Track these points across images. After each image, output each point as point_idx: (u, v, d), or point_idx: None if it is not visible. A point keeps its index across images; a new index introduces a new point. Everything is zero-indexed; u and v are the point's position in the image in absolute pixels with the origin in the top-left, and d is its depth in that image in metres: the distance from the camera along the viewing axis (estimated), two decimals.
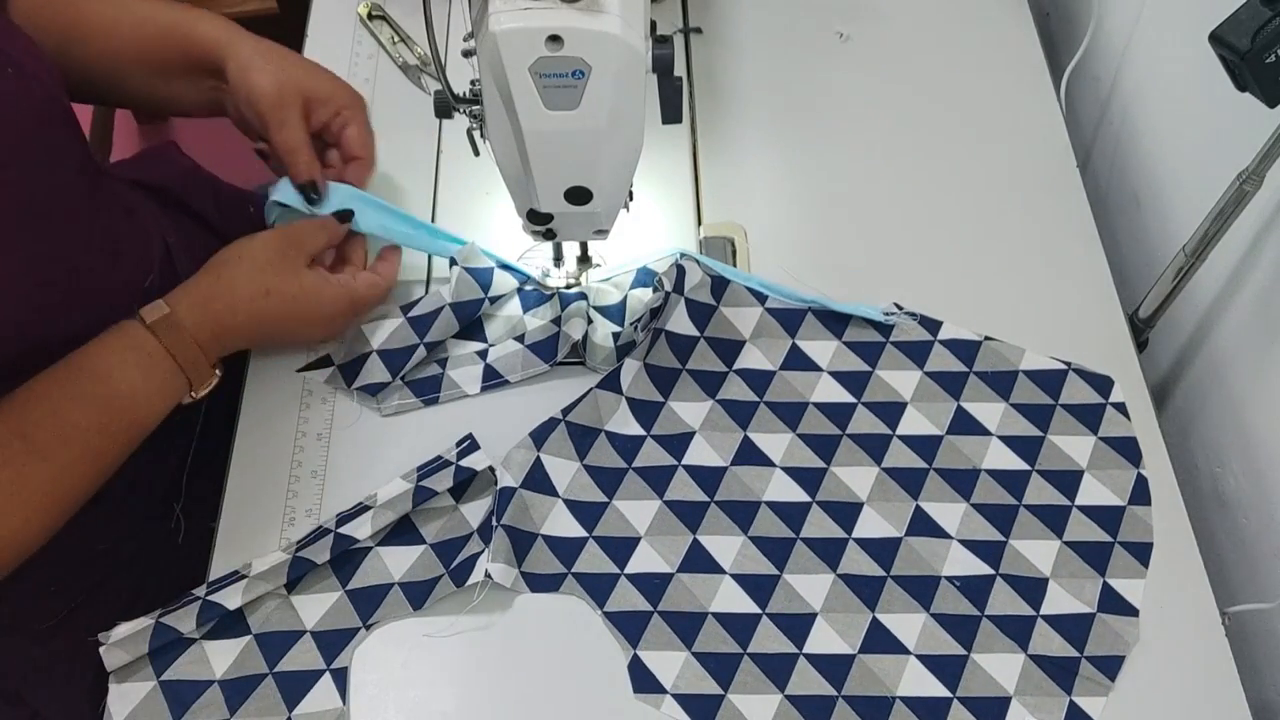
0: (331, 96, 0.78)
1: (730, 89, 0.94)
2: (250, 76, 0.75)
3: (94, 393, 0.63)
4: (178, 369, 0.66)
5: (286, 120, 0.76)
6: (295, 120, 0.76)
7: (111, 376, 0.64)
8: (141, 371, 0.65)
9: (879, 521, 0.71)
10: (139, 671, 0.65)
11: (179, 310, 0.67)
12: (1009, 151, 0.89)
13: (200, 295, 0.69)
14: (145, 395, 0.65)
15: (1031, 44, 0.97)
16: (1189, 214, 0.83)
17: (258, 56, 0.76)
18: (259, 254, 0.71)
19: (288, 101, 0.76)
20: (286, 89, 0.76)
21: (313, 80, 0.77)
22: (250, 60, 0.75)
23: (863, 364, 0.77)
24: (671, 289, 0.75)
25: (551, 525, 0.70)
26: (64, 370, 0.63)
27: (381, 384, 0.75)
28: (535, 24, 0.59)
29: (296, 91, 0.76)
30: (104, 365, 0.64)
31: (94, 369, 0.64)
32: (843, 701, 0.65)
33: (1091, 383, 0.77)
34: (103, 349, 0.65)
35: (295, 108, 0.76)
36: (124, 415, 0.65)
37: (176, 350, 0.66)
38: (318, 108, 0.78)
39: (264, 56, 0.76)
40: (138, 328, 0.66)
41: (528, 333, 0.78)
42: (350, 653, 0.66)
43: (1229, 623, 0.68)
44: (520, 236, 0.78)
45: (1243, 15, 0.59)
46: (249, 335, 0.71)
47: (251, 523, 0.70)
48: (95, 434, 0.63)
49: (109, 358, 0.64)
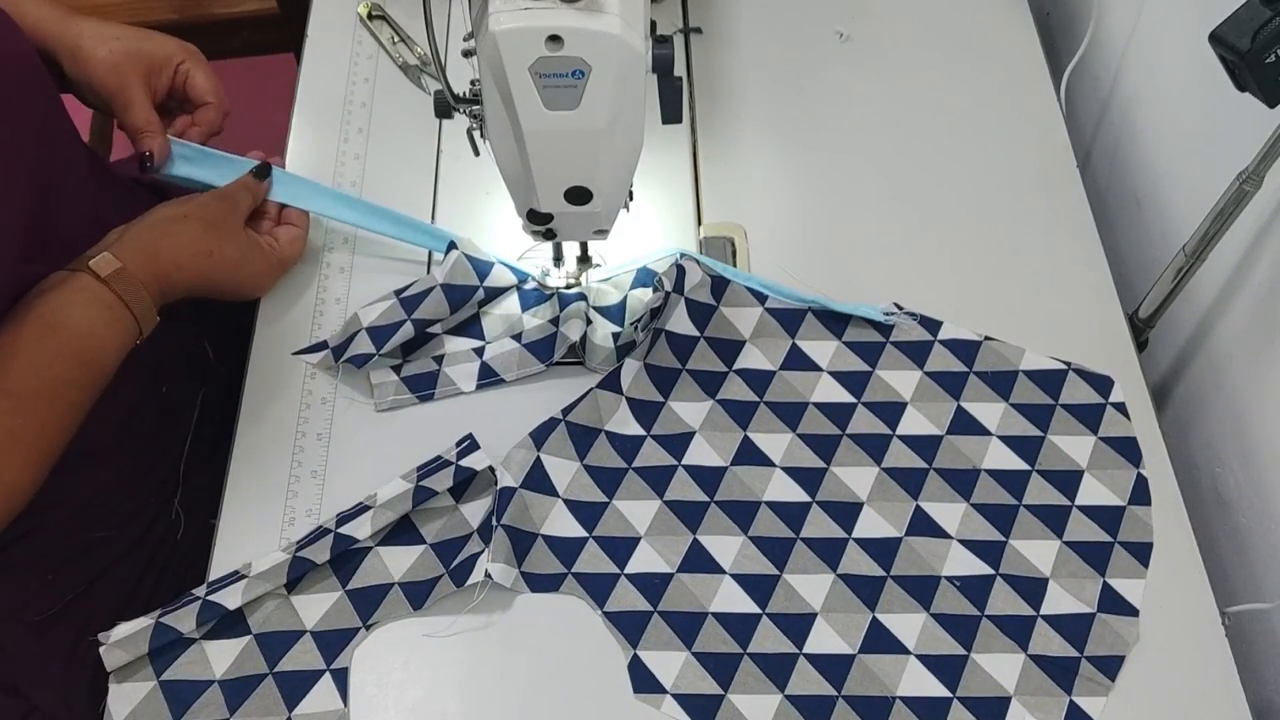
0: (168, 57, 0.79)
1: (730, 89, 0.94)
2: (84, 68, 0.76)
3: (70, 349, 0.65)
4: (132, 319, 0.68)
5: (130, 101, 0.77)
6: (138, 99, 0.77)
7: (81, 331, 0.65)
8: (105, 324, 0.66)
9: (879, 521, 0.71)
10: (139, 671, 0.65)
11: (131, 264, 0.68)
12: (1009, 151, 0.89)
13: (147, 249, 0.70)
14: (110, 346, 0.67)
15: (1031, 44, 0.97)
16: (1189, 214, 0.83)
17: (85, 44, 0.76)
18: (202, 215, 0.73)
19: (125, 83, 0.77)
20: (122, 69, 0.76)
21: (144, 46, 0.78)
22: (79, 49, 0.76)
23: (863, 364, 0.77)
24: (671, 289, 0.75)
25: (551, 525, 0.70)
26: (36, 327, 0.64)
27: (367, 355, 0.75)
28: (535, 24, 0.59)
29: (131, 70, 0.77)
30: (73, 321, 0.65)
31: (65, 324, 0.65)
32: (843, 701, 0.65)
33: (1091, 383, 0.77)
34: (65, 303, 0.65)
35: (135, 87, 0.77)
36: (95, 366, 0.66)
37: (133, 302, 0.67)
38: (157, 73, 0.79)
39: (91, 43, 0.76)
40: (94, 282, 0.66)
41: (525, 332, 0.78)
42: (350, 653, 0.66)
43: (1229, 623, 0.68)
44: (520, 236, 0.78)
45: (1243, 15, 0.59)
46: (187, 288, 0.73)
47: (251, 523, 0.70)
48: (74, 388, 0.65)
49: (75, 312, 0.65)
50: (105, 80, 0.76)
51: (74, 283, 0.66)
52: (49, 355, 0.64)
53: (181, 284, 0.71)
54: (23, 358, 0.63)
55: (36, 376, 0.63)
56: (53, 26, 0.76)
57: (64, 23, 0.77)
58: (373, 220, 0.81)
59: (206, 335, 0.84)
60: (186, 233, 0.72)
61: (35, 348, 0.63)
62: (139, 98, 0.77)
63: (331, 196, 0.82)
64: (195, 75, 0.81)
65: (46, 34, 0.76)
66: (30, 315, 0.64)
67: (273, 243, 0.78)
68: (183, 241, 0.71)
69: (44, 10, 0.77)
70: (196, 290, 0.73)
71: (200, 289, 0.73)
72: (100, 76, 0.76)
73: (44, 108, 0.68)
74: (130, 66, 0.77)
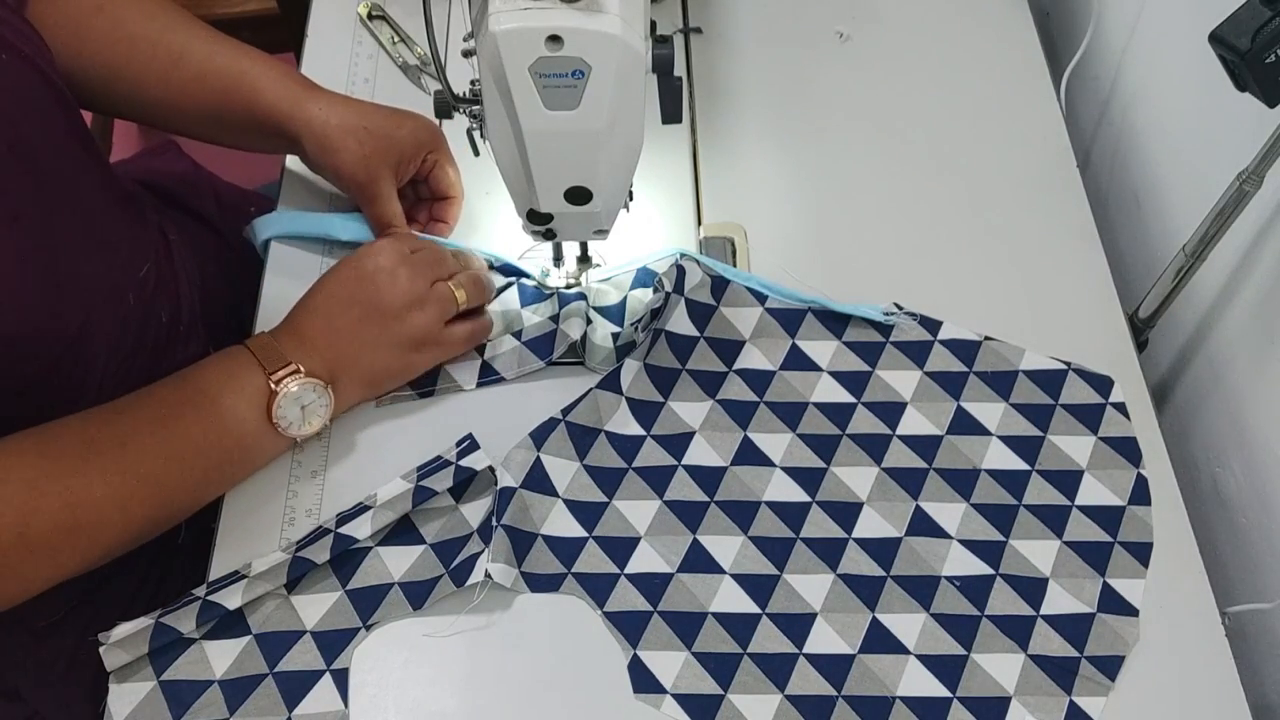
0: (418, 147, 0.78)
1: (730, 89, 0.94)
2: (333, 159, 0.75)
3: (227, 458, 0.68)
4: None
5: (378, 195, 0.76)
6: (386, 192, 0.76)
7: (245, 445, 0.69)
8: (270, 445, 0.70)
9: (879, 521, 0.71)
10: (139, 671, 0.65)
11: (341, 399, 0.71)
12: (1009, 152, 0.89)
13: (366, 387, 0.73)
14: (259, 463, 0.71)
15: (1031, 44, 0.97)
16: (1189, 214, 0.83)
17: (333, 134, 0.75)
18: (430, 346, 0.74)
19: (375, 176, 0.75)
20: (372, 163, 0.75)
21: (395, 135, 0.76)
22: (326, 138, 0.75)
23: (863, 364, 0.77)
24: (671, 289, 0.75)
25: (551, 525, 0.70)
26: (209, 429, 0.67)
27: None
28: (535, 24, 0.59)
29: (381, 162, 0.75)
30: (243, 431, 0.68)
31: (233, 430, 0.67)
32: (843, 701, 0.65)
33: (1091, 383, 0.77)
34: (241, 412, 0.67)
35: (384, 179, 0.76)
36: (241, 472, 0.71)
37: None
38: (406, 163, 0.77)
39: (340, 133, 0.75)
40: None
41: (525, 329, 0.78)
42: (350, 653, 0.66)
43: (1229, 623, 0.68)
44: (520, 236, 0.78)
45: (1243, 15, 0.59)
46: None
47: (251, 523, 0.70)
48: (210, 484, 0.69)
49: (247, 416, 0.68)
50: (355, 173, 0.75)
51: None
52: (196, 448, 0.66)
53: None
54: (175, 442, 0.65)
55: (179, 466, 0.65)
56: (292, 109, 0.75)
57: (303, 105, 0.75)
58: None
59: (212, 340, 0.84)
60: (414, 366, 0.74)
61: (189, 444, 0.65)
62: (387, 191, 0.76)
63: (329, 221, 0.81)
64: (442, 166, 0.80)
65: (288, 116, 0.75)
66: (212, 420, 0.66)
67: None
68: (395, 373, 0.73)
69: (281, 88, 0.75)
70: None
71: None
72: (350, 169, 0.75)
73: (62, 118, 0.67)
74: (380, 159, 0.75)
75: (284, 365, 0.67)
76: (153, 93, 0.76)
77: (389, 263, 0.71)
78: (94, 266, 0.69)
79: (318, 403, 0.68)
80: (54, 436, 0.62)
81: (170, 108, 0.77)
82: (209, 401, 0.66)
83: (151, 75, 0.75)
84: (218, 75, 0.76)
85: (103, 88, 0.75)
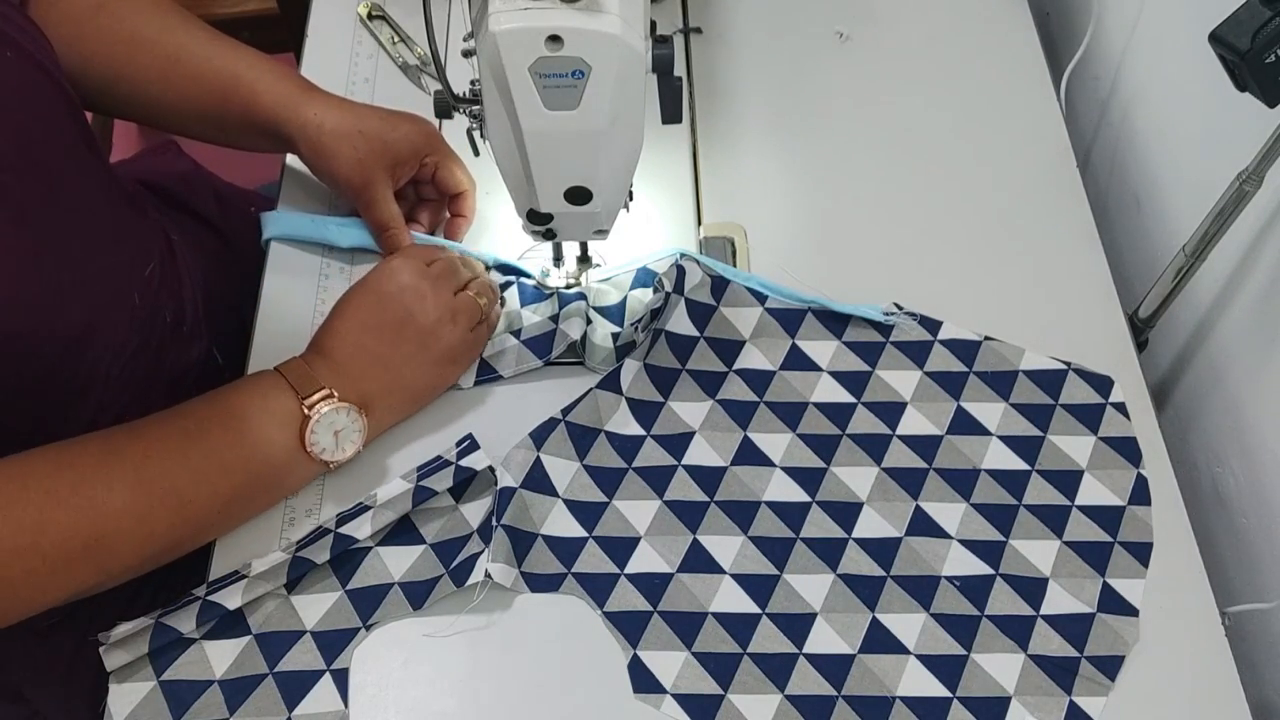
0: (414, 152, 0.78)
1: (730, 89, 0.94)
2: (328, 164, 0.75)
3: (258, 484, 0.68)
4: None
5: (374, 198, 0.76)
6: (382, 195, 0.77)
7: (280, 475, 0.69)
8: (302, 472, 0.70)
9: (879, 521, 0.71)
10: (139, 671, 0.65)
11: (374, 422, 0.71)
12: (1009, 152, 0.89)
13: (396, 411, 0.73)
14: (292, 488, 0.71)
15: (1031, 44, 0.97)
16: (1189, 214, 0.83)
17: (328, 139, 0.75)
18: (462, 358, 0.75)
19: (370, 179, 0.76)
20: (367, 166, 0.75)
21: (389, 139, 0.76)
22: (320, 143, 0.75)
23: (863, 364, 0.77)
24: (671, 289, 0.75)
25: (551, 525, 0.70)
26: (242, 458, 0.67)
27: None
28: (535, 24, 0.59)
29: (376, 165, 0.76)
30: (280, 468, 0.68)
31: (266, 462, 0.68)
32: (842, 701, 0.65)
33: (1091, 383, 0.77)
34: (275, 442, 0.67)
35: (380, 183, 0.76)
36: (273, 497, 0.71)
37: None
38: (401, 166, 0.78)
39: (334, 138, 0.75)
40: None
41: (524, 328, 0.78)
42: (350, 653, 0.66)
43: (1229, 623, 0.68)
44: (520, 236, 0.78)
45: (1243, 15, 0.59)
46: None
47: (251, 523, 0.70)
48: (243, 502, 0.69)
49: (280, 455, 0.68)
50: (350, 177, 0.76)
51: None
52: (226, 470, 0.65)
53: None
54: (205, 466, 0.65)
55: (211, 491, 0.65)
56: (289, 112, 0.75)
57: (300, 108, 0.75)
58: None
59: (216, 342, 0.84)
60: (448, 379, 0.74)
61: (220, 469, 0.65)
62: (383, 194, 0.76)
63: (326, 225, 0.82)
64: (445, 166, 0.80)
65: (284, 120, 0.75)
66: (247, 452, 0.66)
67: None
68: (436, 388, 0.74)
69: (278, 90, 0.76)
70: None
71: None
72: (345, 174, 0.76)
73: (66, 116, 0.67)
74: (375, 163, 0.76)
75: (317, 390, 0.67)
76: (152, 93, 0.76)
77: (411, 280, 0.72)
78: (99, 266, 0.69)
79: (351, 428, 0.68)
80: (76, 448, 0.61)
81: (169, 108, 0.77)
82: (238, 421, 0.65)
83: (150, 75, 0.75)
84: (216, 76, 0.76)
85: (102, 87, 0.75)
